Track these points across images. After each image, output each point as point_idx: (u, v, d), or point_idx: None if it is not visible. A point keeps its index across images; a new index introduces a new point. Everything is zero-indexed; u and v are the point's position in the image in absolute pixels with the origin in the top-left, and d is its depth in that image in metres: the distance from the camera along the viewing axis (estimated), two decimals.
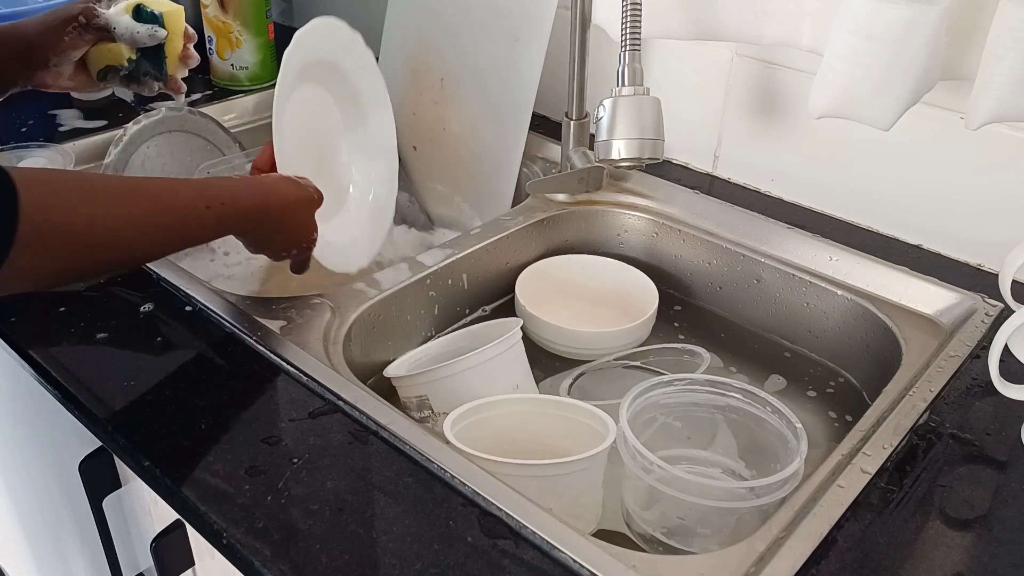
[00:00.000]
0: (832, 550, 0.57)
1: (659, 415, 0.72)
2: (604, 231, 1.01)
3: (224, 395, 0.69)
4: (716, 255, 0.95)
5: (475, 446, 0.64)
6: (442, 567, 0.55)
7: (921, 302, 0.83)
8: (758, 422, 0.70)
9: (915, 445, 0.66)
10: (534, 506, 0.59)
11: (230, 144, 1.07)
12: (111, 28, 0.83)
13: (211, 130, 1.05)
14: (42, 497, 1.00)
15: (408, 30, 1.13)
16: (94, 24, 0.82)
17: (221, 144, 1.07)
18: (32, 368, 0.73)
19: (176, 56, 0.87)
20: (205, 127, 1.05)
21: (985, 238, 0.87)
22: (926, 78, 0.74)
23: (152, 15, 0.83)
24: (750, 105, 0.99)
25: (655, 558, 0.56)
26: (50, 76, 0.84)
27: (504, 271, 0.95)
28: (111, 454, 0.76)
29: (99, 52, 0.84)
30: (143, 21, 0.83)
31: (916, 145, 0.88)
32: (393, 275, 0.85)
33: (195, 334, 0.76)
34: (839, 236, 0.91)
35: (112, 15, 0.83)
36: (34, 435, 0.94)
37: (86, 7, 0.82)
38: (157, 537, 0.69)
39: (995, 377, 0.69)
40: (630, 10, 0.76)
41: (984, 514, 0.61)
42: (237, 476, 0.61)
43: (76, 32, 0.82)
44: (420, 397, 0.76)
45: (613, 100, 0.77)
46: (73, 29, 0.82)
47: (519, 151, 1.00)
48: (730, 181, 1.04)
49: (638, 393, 0.69)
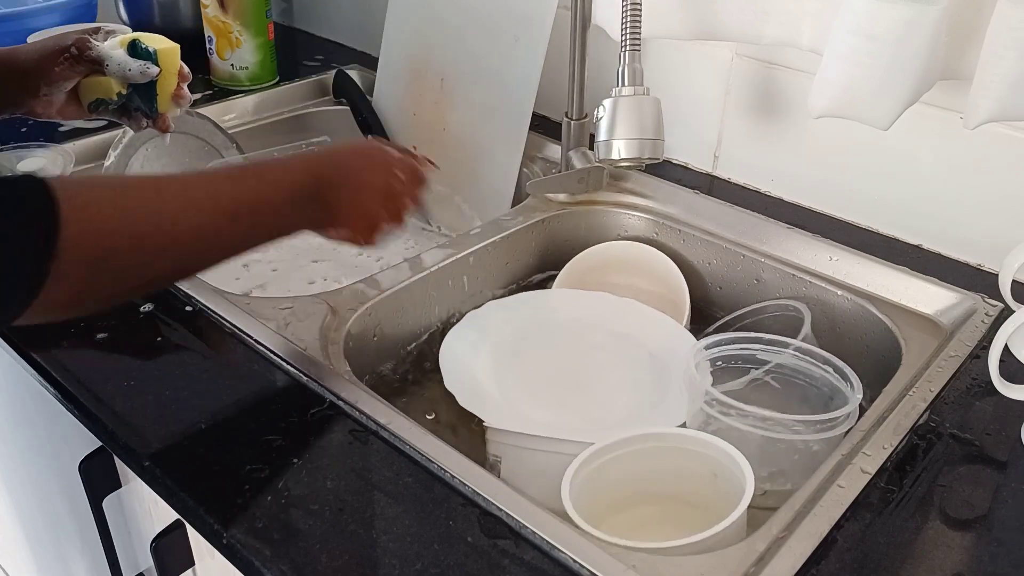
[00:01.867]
0: (832, 550, 0.57)
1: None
2: (604, 231, 1.01)
3: (224, 395, 0.69)
4: (716, 255, 0.95)
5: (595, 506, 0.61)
6: (442, 567, 0.55)
7: (921, 302, 0.83)
8: (810, 377, 0.75)
9: (915, 445, 0.66)
10: (534, 506, 0.59)
11: (228, 145, 1.07)
12: (103, 62, 0.82)
13: (208, 131, 1.06)
14: (42, 497, 1.00)
15: (408, 30, 1.13)
16: (87, 56, 0.81)
17: (219, 145, 1.07)
18: (32, 368, 0.73)
19: (168, 94, 0.85)
20: (203, 128, 1.05)
21: (985, 238, 0.87)
22: (925, 78, 0.74)
23: (146, 51, 0.83)
24: (750, 105, 0.99)
25: (655, 558, 0.56)
26: (40, 105, 0.83)
27: (504, 271, 0.95)
28: (111, 454, 0.76)
29: (90, 84, 0.83)
30: (137, 57, 0.82)
31: (916, 145, 0.88)
32: (393, 275, 0.85)
33: (195, 334, 0.76)
34: (839, 236, 0.91)
35: (106, 49, 0.82)
36: (34, 435, 0.94)
37: (80, 38, 0.81)
38: (157, 537, 0.69)
39: (995, 377, 0.69)
40: (630, 10, 0.76)
41: (984, 514, 0.61)
42: (237, 476, 0.61)
43: (68, 63, 0.81)
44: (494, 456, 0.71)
45: (613, 100, 0.77)
46: (65, 60, 0.80)
47: (519, 152, 1.00)
48: (730, 181, 1.04)
49: (706, 344, 0.75)
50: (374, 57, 1.37)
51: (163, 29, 1.37)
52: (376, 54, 1.38)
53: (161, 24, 1.37)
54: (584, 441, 0.66)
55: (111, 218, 0.53)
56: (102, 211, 0.53)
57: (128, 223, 0.54)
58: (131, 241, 0.54)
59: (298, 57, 1.37)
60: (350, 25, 1.41)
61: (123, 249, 0.54)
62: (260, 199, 0.63)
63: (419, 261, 0.88)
